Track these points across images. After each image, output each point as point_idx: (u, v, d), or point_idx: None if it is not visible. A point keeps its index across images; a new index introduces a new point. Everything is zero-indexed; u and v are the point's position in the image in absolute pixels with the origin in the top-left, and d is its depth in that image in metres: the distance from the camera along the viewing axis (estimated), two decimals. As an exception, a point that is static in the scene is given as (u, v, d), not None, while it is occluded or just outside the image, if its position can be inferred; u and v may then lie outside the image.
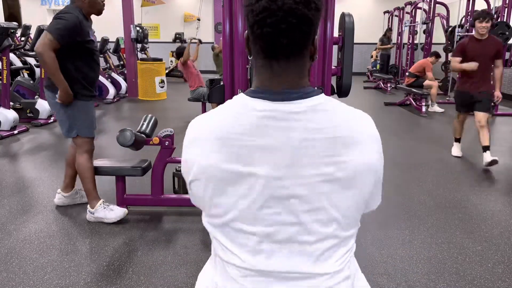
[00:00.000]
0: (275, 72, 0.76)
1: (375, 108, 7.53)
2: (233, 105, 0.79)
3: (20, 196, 3.12)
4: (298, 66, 0.77)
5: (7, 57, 5.01)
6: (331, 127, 0.75)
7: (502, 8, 7.15)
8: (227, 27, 2.42)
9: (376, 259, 2.22)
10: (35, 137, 5.01)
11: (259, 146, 0.74)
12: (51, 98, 2.57)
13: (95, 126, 2.77)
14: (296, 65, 0.76)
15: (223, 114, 0.79)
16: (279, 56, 0.75)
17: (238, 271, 0.81)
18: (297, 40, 0.73)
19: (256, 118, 0.75)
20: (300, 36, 0.73)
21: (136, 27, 8.27)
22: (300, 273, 0.79)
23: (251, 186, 0.75)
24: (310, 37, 0.75)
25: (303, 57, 0.77)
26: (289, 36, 0.71)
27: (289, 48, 0.74)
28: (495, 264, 2.22)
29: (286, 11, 0.69)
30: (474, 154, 4.38)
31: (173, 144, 2.79)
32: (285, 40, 0.72)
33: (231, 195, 0.77)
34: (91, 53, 2.56)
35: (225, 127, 0.76)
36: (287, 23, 0.70)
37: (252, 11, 0.72)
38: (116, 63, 9.38)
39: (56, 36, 2.34)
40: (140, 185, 3.27)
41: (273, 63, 0.76)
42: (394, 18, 11.98)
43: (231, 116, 0.77)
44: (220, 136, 0.76)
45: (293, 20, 0.70)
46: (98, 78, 2.78)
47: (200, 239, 2.43)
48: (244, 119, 0.75)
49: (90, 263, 2.19)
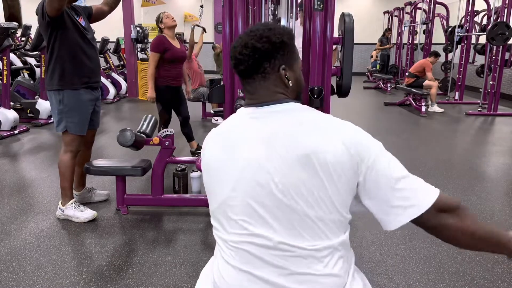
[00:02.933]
0: (248, 91, 0.98)
1: (375, 108, 7.53)
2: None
3: (20, 196, 3.12)
4: (264, 87, 0.95)
5: (8, 57, 5.02)
6: (297, 122, 0.90)
7: (502, 8, 7.15)
8: (227, 27, 2.42)
9: (376, 259, 2.22)
10: (35, 137, 5.01)
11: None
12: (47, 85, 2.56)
13: (97, 125, 2.76)
14: (262, 86, 0.95)
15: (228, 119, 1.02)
16: (245, 79, 0.96)
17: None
18: (250, 67, 0.93)
19: (244, 118, 0.97)
20: (252, 63, 0.93)
21: (136, 27, 8.26)
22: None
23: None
24: (262, 64, 0.93)
25: (267, 79, 0.94)
26: (243, 63, 0.93)
27: (247, 73, 0.95)
28: (495, 264, 2.22)
29: (242, 45, 0.93)
30: (474, 154, 4.39)
31: (173, 144, 2.79)
32: (242, 67, 0.94)
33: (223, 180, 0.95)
34: (81, 36, 2.50)
35: (224, 126, 0.99)
36: (242, 55, 0.93)
37: (231, 48, 0.97)
38: (116, 63, 9.38)
39: None
40: (140, 185, 3.27)
41: (245, 85, 0.98)
42: (394, 18, 11.98)
43: (229, 121, 1.00)
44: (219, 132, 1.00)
45: (245, 51, 0.92)
46: (95, 66, 2.64)
47: (200, 239, 2.43)
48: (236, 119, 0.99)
49: (90, 263, 2.19)
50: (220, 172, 0.95)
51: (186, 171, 3.07)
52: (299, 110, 0.94)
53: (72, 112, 2.55)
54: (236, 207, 0.91)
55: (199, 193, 3.05)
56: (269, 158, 0.87)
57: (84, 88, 2.57)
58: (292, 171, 0.85)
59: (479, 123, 6.29)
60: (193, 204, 2.86)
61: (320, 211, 0.85)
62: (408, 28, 10.42)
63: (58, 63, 2.49)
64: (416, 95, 7.12)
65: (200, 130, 5.54)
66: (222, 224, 0.95)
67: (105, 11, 2.75)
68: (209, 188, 1.00)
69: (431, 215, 0.87)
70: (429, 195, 0.87)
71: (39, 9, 2.39)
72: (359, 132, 0.89)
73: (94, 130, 2.84)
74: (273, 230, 0.87)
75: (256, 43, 0.91)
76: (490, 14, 8.20)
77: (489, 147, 4.82)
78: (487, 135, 5.63)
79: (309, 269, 0.86)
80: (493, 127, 6.03)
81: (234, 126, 0.97)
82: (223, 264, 0.93)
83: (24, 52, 7.20)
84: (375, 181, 0.86)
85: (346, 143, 0.85)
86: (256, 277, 0.88)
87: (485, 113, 6.77)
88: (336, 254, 0.88)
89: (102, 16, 2.75)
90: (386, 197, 0.86)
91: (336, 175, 0.84)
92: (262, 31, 0.92)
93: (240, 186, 0.90)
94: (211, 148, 0.99)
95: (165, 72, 3.79)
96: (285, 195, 0.85)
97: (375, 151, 0.87)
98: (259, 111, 0.94)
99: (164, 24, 3.79)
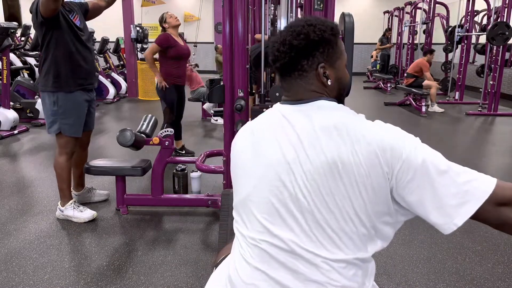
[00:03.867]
0: (284, 88, 0.96)
1: (375, 108, 7.53)
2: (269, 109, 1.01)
3: (20, 196, 3.12)
4: (299, 85, 0.93)
5: (7, 57, 5.01)
6: (327, 124, 0.86)
7: (502, 8, 7.14)
8: (227, 27, 2.42)
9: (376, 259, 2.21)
10: (35, 137, 5.01)
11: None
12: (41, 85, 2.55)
13: (91, 126, 2.75)
14: (298, 84, 0.93)
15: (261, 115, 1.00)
16: (283, 76, 0.95)
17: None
18: (287, 64, 0.91)
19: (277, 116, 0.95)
20: (289, 60, 0.91)
21: (136, 27, 8.26)
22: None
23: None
24: (300, 61, 0.90)
25: (304, 77, 0.92)
26: (279, 60, 0.92)
27: (284, 70, 0.93)
28: (495, 264, 2.22)
29: (280, 42, 0.91)
30: (474, 154, 4.39)
31: (173, 144, 2.79)
32: (278, 64, 0.92)
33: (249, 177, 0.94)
34: (76, 37, 2.49)
35: (257, 120, 0.99)
36: (279, 51, 0.91)
37: (269, 46, 0.97)
38: (116, 63, 9.37)
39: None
40: (140, 185, 3.27)
41: (282, 82, 0.96)
42: (394, 18, 11.98)
43: (263, 116, 1.00)
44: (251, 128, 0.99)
45: (282, 49, 0.90)
46: (91, 68, 2.63)
47: (200, 239, 2.43)
48: (270, 117, 0.97)
49: (90, 263, 2.19)
50: (246, 166, 0.94)
51: (186, 171, 3.07)
52: (330, 110, 0.90)
53: (67, 114, 2.52)
54: (259, 204, 0.89)
55: (199, 193, 3.05)
56: (296, 160, 0.85)
57: (79, 90, 2.55)
58: (318, 176, 0.82)
59: (479, 123, 6.29)
60: (193, 204, 2.86)
61: (343, 222, 0.81)
62: (408, 28, 10.42)
63: (53, 64, 2.47)
64: (416, 95, 7.12)
65: (199, 130, 5.54)
66: (243, 219, 0.94)
67: (102, 7, 2.72)
68: (235, 181, 0.99)
69: (489, 209, 0.77)
70: (482, 188, 0.77)
71: (33, 8, 2.37)
72: (390, 137, 0.82)
73: (90, 131, 2.82)
74: (294, 233, 0.84)
75: (293, 40, 0.88)
76: (490, 14, 8.19)
77: (489, 147, 4.82)
78: (487, 135, 5.63)
79: (325, 278, 0.83)
80: (493, 127, 6.03)
81: (265, 122, 0.96)
82: (239, 260, 0.92)
83: (24, 52, 7.20)
84: (411, 181, 0.78)
85: (377, 151, 0.80)
86: (270, 278, 0.86)
87: (485, 113, 6.77)
88: (353, 268, 0.85)
89: (98, 12, 2.73)
90: (430, 198, 0.78)
91: (363, 187, 0.80)
92: (301, 27, 0.89)
93: (264, 183, 0.89)
94: (241, 141, 0.98)
95: (172, 70, 3.86)
96: (307, 200, 0.83)
97: (407, 152, 0.79)
98: (291, 109, 0.92)
99: (169, 24, 3.88)
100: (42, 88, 2.53)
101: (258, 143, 0.93)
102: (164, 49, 3.81)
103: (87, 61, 2.57)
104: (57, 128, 2.54)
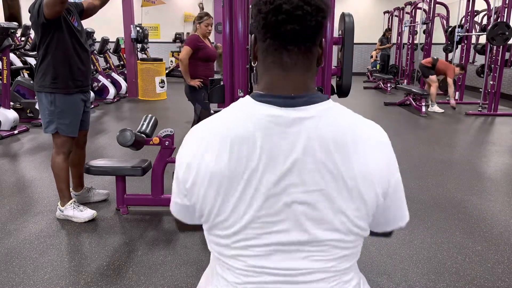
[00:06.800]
0: (285, 66, 0.75)
1: (375, 108, 7.53)
2: (240, 108, 0.78)
3: (20, 196, 3.12)
4: (307, 61, 0.76)
5: (7, 57, 5.01)
6: (336, 133, 0.75)
7: (502, 8, 7.15)
8: (227, 27, 2.42)
9: (376, 259, 2.22)
10: (35, 137, 5.01)
11: (264, 150, 0.74)
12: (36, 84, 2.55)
13: (87, 126, 2.76)
14: (305, 58, 0.76)
15: (230, 116, 0.78)
16: (291, 43, 0.74)
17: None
18: (310, 29, 0.72)
19: (263, 122, 0.74)
20: (313, 25, 0.72)
21: (136, 27, 8.26)
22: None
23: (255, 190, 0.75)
24: (322, 29, 0.75)
25: (312, 52, 0.76)
26: (302, 23, 0.71)
27: (302, 36, 0.73)
28: (495, 264, 2.22)
29: (302, 0, 0.71)
30: (474, 154, 4.39)
31: (173, 144, 2.79)
32: (299, 27, 0.71)
33: (234, 200, 0.76)
34: (75, 39, 2.49)
35: (232, 130, 0.75)
36: (302, 10, 0.70)
37: (266, 2, 0.72)
38: (116, 63, 9.38)
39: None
40: (140, 185, 3.27)
41: (284, 55, 0.75)
42: (394, 18, 11.99)
43: (239, 119, 0.76)
44: (227, 136, 0.75)
45: (308, 9, 0.70)
46: (87, 70, 2.65)
47: (200, 239, 2.43)
48: (250, 122, 0.75)
49: (90, 263, 2.19)
50: (233, 185, 0.75)
51: (186, 171, 3.06)
52: (336, 116, 0.78)
53: (64, 114, 2.54)
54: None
55: (199, 193, 3.05)
56: (294, 172, 0.74)
57: (76, 91, 2.57)
58: (316, 194, 0.74)
59: (479, 123, 6.29)
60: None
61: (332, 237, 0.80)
62: (408, 28, 10.42)
63: (52, 65, 2.47)
64: (416, 95, 7.12)
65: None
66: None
67: (97, 6, 2.73)
68: (212, 202, 0.78)
69: None
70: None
71: (35, 9, 2.37)
72: (386, 160, 0.81)
73: (86, 131, 2.85)
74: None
75: (319, 2, 0.72)
76: (490, 14, 8.20)
77: (489, 147, 4.81)
78: (487, 135, 5.62)
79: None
80: (493, 127, 6.04)
81: (247, 133, 0.74)
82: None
83: (24, 52, 7.20)
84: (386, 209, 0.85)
85: (376, 170, 0.77)
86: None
87: (485, 113, 6.77)
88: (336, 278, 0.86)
89: (93, 11, 2.74)
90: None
91: (355, 206, 0.76)
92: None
93: (257, 202, 0.75)
94: (213, 152, 0.75)
95: (202, 71, 3.95)
96: (305, 215, 0.76)
97: (394, 184, 0.82)
98: (286, 116, 0.74)
99: (200, 29, 3.96)
100: (39, 88, 2.53)
101: (245, 158, 0.80)
102: (195, 51, 3.87)
103: (85, 62, 2.60)
104: (54, 128, 2.55)
